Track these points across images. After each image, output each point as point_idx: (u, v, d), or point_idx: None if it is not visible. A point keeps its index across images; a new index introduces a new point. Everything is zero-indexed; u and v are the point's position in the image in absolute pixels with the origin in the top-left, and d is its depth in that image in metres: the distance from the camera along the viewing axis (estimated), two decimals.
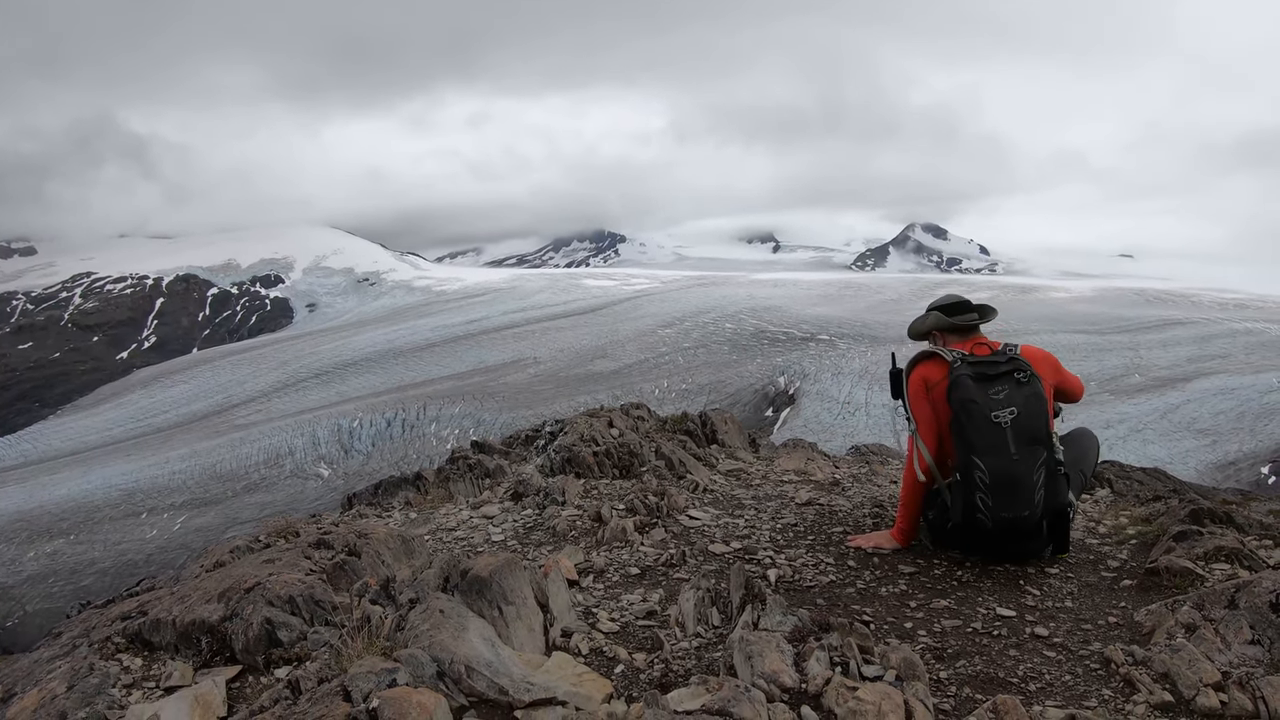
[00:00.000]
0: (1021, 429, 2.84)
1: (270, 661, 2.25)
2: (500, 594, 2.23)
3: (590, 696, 1.93)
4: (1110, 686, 2.13)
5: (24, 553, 28.76)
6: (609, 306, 58.41)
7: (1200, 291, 54.88)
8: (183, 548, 27.05)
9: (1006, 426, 2.83)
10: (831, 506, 3.91)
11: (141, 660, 2.35)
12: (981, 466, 2.84)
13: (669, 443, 5.25)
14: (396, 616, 2.10)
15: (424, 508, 4.70)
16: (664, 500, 3.82)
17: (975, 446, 2.86)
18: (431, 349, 52.20)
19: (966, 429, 2.87)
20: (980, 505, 2.85)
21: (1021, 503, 2.84)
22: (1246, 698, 1.97)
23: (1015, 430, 2.84)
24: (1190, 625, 2.29)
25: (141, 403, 52.19)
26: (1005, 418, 2.84)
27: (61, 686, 2.14)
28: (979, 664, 2.28)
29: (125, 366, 74.88)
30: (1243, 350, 36.04)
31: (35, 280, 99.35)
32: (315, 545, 3.05)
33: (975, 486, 2.85)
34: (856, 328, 42.71)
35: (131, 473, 35.25)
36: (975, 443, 2.86)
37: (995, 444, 2.84)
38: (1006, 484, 2.82)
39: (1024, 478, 2.83)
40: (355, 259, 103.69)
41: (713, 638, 2.38)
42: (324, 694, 1.70)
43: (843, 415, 32.41)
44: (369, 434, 35.27)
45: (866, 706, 1.84)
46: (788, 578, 2.95)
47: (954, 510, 2.95)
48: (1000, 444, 2.83)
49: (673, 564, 3.10)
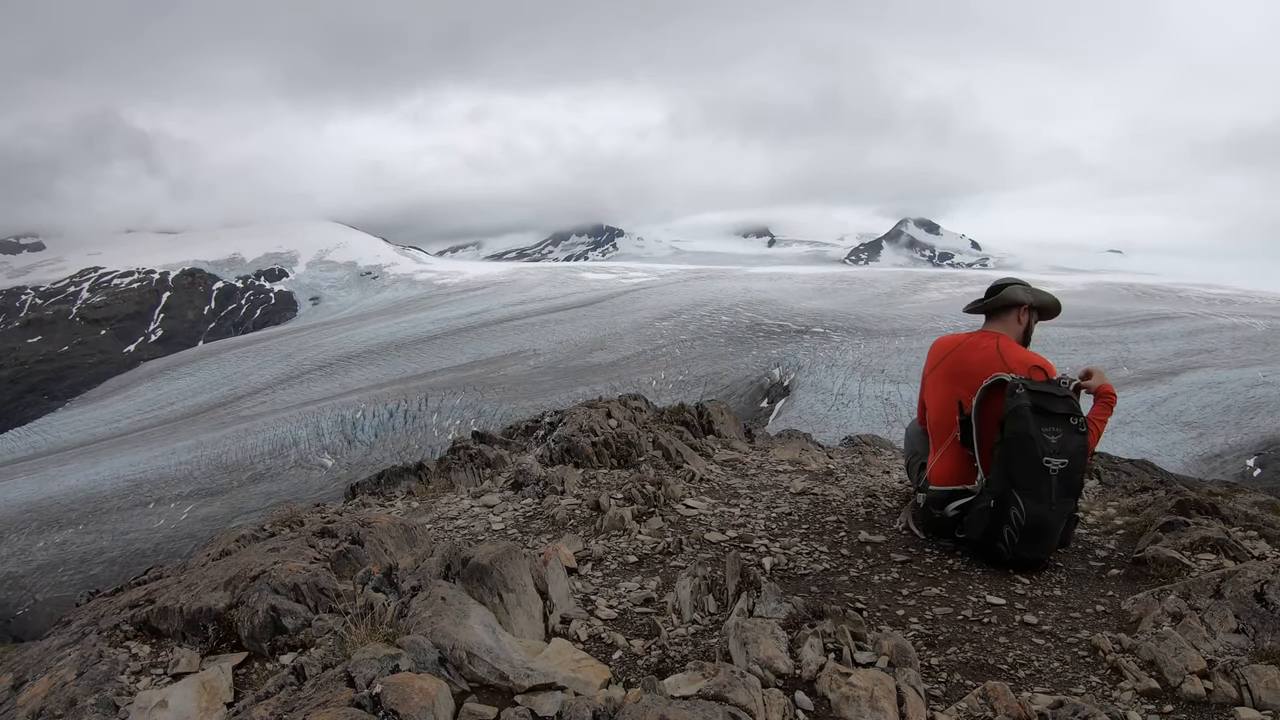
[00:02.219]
0: (1066, 481, 2.79)
1: (275, 648, 2.29)
2: (501, 581, 2.26)
3: (589, 682, 1.96)
4: (1098, 673, 2.16)
5: (34, 542, 29.01)
6: (607, 300, 58.30)
7: (1188, 286, 54.52)
8: (189, 537, 27.24)
9: (1054, 475, 2.77)
10: (825, 496, 3.94)
11: (149, 647, 2.39)
12: (1021, 507, 2.76)
13: (666, 433, 5.28)
14: (399, 604, 2.13)
15: (426, 497, 4.75)
16: (661, 490, 3.86)
17: (1017, 484, 2.79)
18: (433, 341, 52.25)
19: (1015, 464, 2.79)
20: (1005, 540, 2.80)
21: (1044, 547, 2.84)
22: (1231, 685, 2.01)
23: (1061, 480, 2.78)
24: (1176, 614, 2.32)
25: (148, 395, 52.40)
26: (1056, 467, 2.77)
27: (71, 673, 2.18)
28: (969, 651, 2.32)
29: (132, 359, 75.09)
30: (1229, 344, 36.01)
31: (44, 275, 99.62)
32: (319, 534, 3.09)
33: (1007, 522, 2.78)
34: (850, 321, 42.63)
35: (139, 463, 35.46)
36: (1019, 480, 2.79)
37: (1039, 489, 2.77)
38: (1038, 531, 2.78)
39: (1055, 526, 2.81)
40: (358, 253, 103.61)
41: (709, 624, 2.41)
42: (328, 680, 1.74)
43: (836, 407, 32.43)
44: (372, 425, 35.39)
45: (859, 692, 1.87)
46: (782, 566, 2.98)
47: (972, 528, 2.88)
48: (1044, 491, 2.77)
49: (669, 552, 3.14)
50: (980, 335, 3.23)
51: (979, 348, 3.15)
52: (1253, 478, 23.78)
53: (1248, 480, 22.71)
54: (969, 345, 3.19)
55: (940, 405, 3.22)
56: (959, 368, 3.14)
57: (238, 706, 1.94)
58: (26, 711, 2.05)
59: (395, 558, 2.97)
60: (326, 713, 1.59)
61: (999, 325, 3.26)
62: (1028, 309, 3.26)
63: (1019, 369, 3.00)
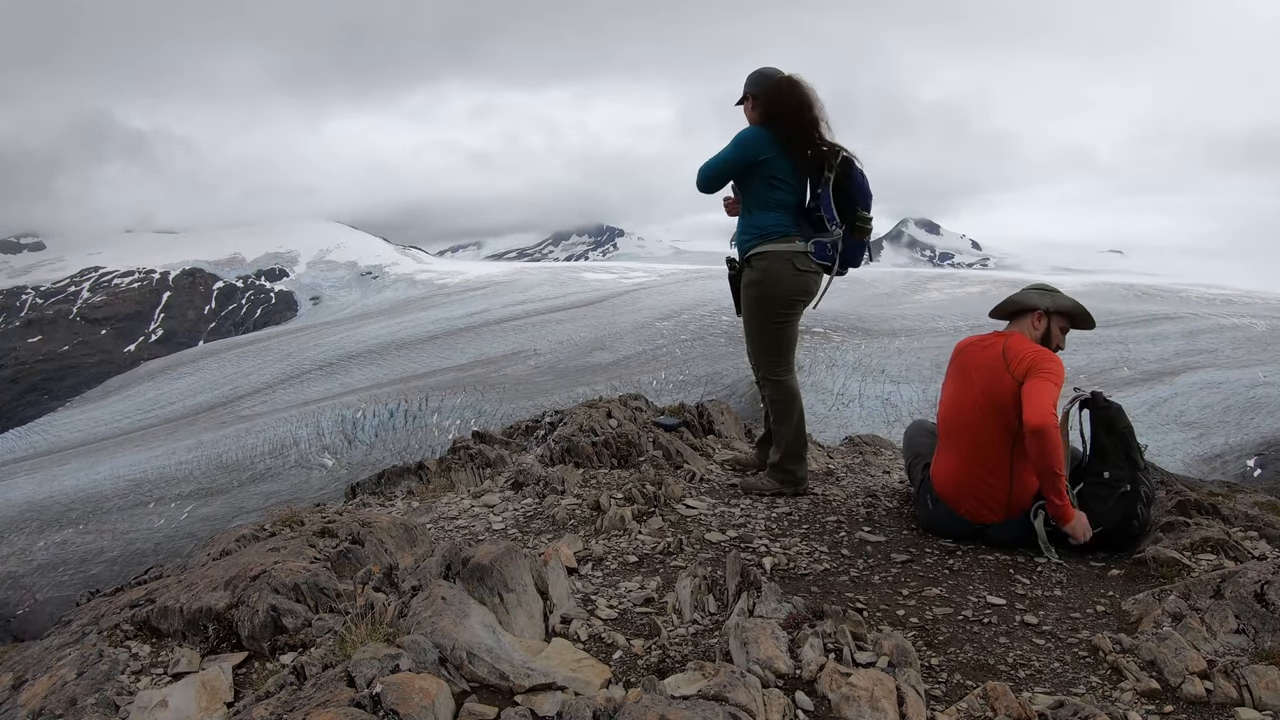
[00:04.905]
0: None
1: (276, 648, 2.29)
2: (501, 581, 2.26)
3: (589, 681, 1.96)
4: (1098, 674, 2.16)
5: (34, 542, 29.01)
6: (607, 299, 58.29)
7: (1188, 287, 54.49)
8: (190, 537, 27.22)
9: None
10: (826, 496, 3.94)
11: (150, 647, 2.39)
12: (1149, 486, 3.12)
13: (666, 433, 5.27)
14: (399, 603, 2.13)
15: (426, 497, 4.75)
16: (661, 489, 3.85)
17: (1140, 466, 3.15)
18: (433, 341, 52.26)
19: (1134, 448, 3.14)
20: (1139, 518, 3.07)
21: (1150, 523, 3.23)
22: (1231, 685, 2.01)
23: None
24: (1177, 614, 2.32)
25: (149, 394, 52.40)
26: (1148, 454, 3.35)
27: (71, 673, 2.18)
28: (970, 651, 2.32)
29: (133, 359, 75.10)
30: (1229, 345, 36.03)
31: (44, 275, 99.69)
32: (320, 534, 3.09)
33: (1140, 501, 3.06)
34: (850, 320, 42.60)
35: (139, 463, 35.46)
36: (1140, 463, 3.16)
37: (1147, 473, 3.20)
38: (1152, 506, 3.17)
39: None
40: (358, 253, 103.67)
41: (709, 624, 2.41)
42: (328, 679, 1.74)
43: (837, 407, 32.42)
44: (372, 424, 35.39)
45: (859, 692, 1.87)
46: (783, 566, 2.98)
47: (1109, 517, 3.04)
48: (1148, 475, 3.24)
49: (670, 552, 3.14)
50: (993, 335, 3.27)
51: (987, 346, 3.19)
52: (1253, 478, 23.81)
53: (1248, 480, 22.75)
54: (979, 345, 3.24)
55: (947, 402, 3.27)
56: (967, 365, 3.20)
57: (238, 706, 1.94)
58: (27, 711, 2.05)
59: (395, 557, 2.97)
60: (327, 712, 1.59)
61: (1015, 329, 3.29)
62: (1043, 314, 3.24)
63: (1018, 365, 3.02)
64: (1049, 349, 3.16)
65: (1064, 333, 3.27)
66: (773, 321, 3.68)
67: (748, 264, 3.68)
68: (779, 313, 3.67)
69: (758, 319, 3.70)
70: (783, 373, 3.76)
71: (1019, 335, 3.19)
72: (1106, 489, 3.09)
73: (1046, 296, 3.27)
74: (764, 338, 3.73)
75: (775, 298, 3.63)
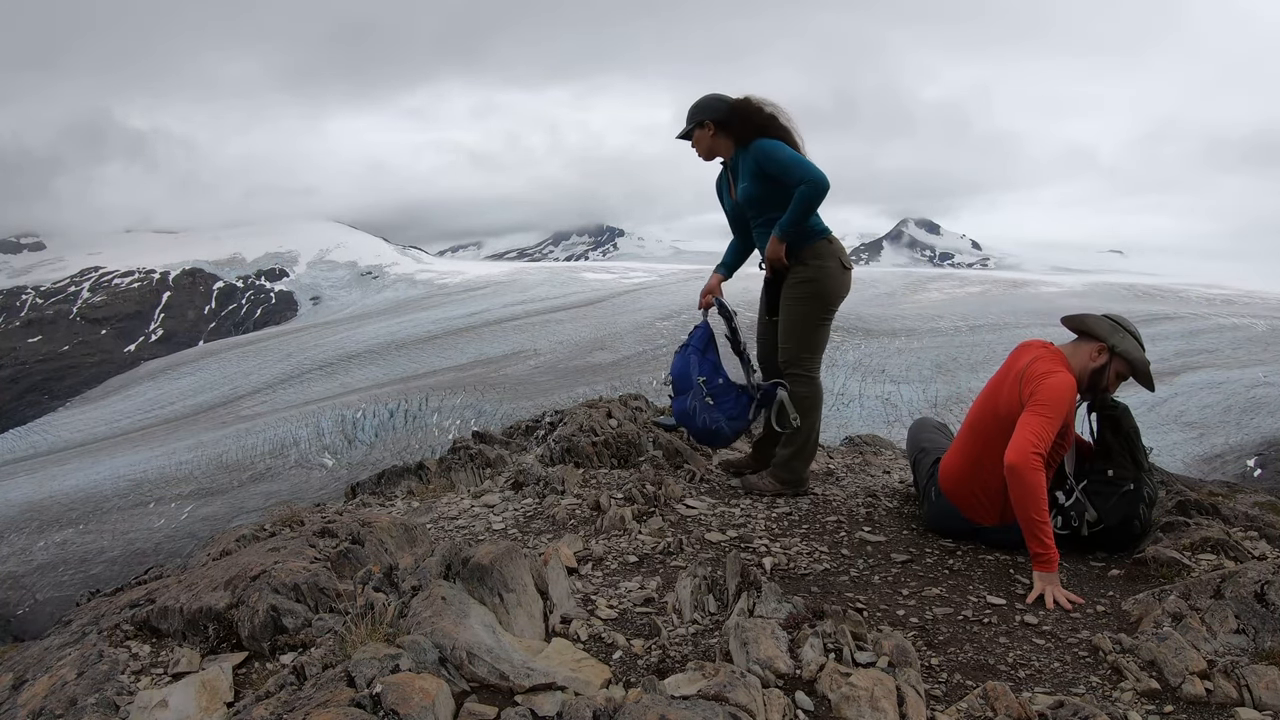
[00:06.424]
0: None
1: (276, 648, 2.29)
2: (501, 581, 2.26)
3: (589, 681, 1.96)
4: (1098, 674, 2.16)
5: (34, 542, 29.01)
6: (608, 299, 58.29)
7: (1188, 287, 54.44)
8: (190, 537, 27.22)
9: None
10: (826, 496, 3.94)
11: (150, 647, 2.39)
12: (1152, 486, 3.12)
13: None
14: (399, 604, 2.13)
15: (426, 497, 4.74)
16: (661, 489, 3.85)
17: (1144, 466, 3.13)
18: (433, 341, 52.25)
19: (1139, 449, 3.14)
20: (1141, 518, 3.08)
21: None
22: (1231, 686, 2.01)
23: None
24: (1177, 614, 2.33)
25: (149, 394, 52.39)
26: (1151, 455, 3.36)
27: (71, 673, 2.18)
28: (970, 651, 2.32)
29: (133, 359, 75.08)
30: (1229, 345, 36.04)
31: (44, 274, 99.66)
32: (320, 534, 3.09)
33: (1142, 501, 3.07)
34: (851, 320, 42.57)
35: (139, 463, 35.46)
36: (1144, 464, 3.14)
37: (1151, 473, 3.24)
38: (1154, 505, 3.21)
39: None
40: (358, 253, 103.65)
41: (709, 624, 2.41)
42: (328, 679, 1.74)
43: (837, 407, 32.40)
44: (372, 424, 35.38)
45: (859, 692, 1.87)
46: (783, 566, 2.98)
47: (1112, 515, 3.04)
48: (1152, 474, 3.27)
49: (670, 552, 3.14)
50: (1041, 345, 3.10)
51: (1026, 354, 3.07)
52: (1253, 478, 23.83)
53: (1248, 480, 22.76)
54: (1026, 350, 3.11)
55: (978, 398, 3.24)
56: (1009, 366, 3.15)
57: (238, 706, 1.94)
58: (27, 711, 2.05)
59: (395, 557, 2.97)
60: (327, 712, 1.59)
61: (1070, 348, 3.11)
62: (1103, 349, 3.00)
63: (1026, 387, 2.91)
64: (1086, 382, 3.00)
65: (1119, 379, 3.05)
66: (819, 317, 3.79)
67: (800, 263, 3.75)
68: (829, 308, 3.80)
69: (806, 315, 3.77)
70: (816, 369, 3.87)
71: (1051, 356, 2.99)
72: (1109, 487, 3.07)
73: (1118, 334, 3.02)
74: (810, 335, 3.81)
75: (829, 294, 3.76)
